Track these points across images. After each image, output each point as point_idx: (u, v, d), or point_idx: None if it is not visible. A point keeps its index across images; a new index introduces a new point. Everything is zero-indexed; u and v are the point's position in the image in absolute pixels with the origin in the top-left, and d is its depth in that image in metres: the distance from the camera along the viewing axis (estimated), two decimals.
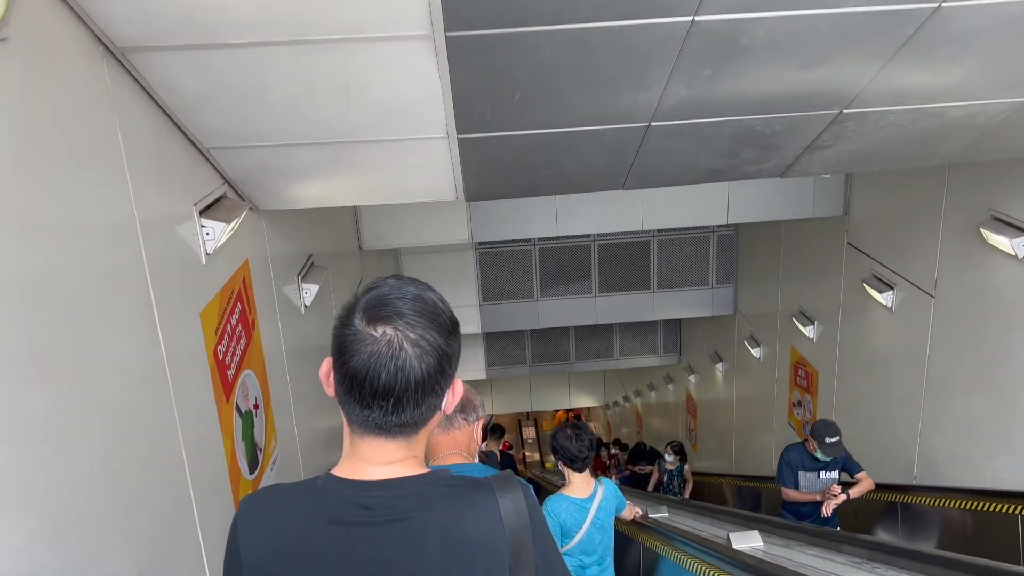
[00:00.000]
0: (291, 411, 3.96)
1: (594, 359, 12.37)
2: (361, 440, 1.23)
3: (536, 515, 1.27)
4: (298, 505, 1.24)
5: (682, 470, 7.50)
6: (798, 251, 7.73)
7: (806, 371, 7.70)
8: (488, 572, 1.20)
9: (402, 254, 9.10)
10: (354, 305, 1.20)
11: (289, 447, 3.90)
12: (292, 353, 4.05)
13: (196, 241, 2.81)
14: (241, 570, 1.23)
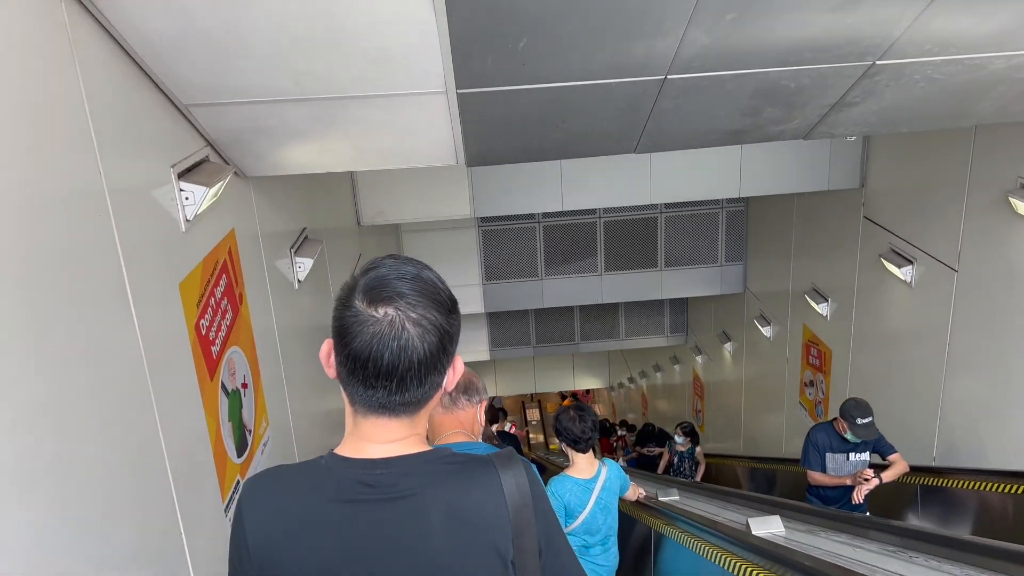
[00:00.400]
0: (284, 391, 3.76)
1: (599, 340, 12.17)
2: (364, 419, 1.24)
3: (537, 490, 1.27)
4: (302, 484, 1.24)
5: (693, 452, 7.29)
6: (811, 226, 7.49)
7: (819, 350, 7.49)
8: (491, 546, 1.21)
9: (403, 232, 8.87)
10: (353, 286, 1.20)
11: (282, 429, 3.71)
12: (285, 330, 3.84)
13: (174, 206, 2.60)
14: (248, 550, 1.23)
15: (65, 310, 1.84)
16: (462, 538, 1.20)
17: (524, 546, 1.24)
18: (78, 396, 1.86)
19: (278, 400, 3.67)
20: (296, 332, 4.14)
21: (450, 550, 1.20)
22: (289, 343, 3.94)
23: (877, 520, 2.99)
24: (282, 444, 3.71)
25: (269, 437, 3.44)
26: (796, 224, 7.79)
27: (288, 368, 3.85)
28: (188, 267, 2.65)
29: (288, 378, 3.83)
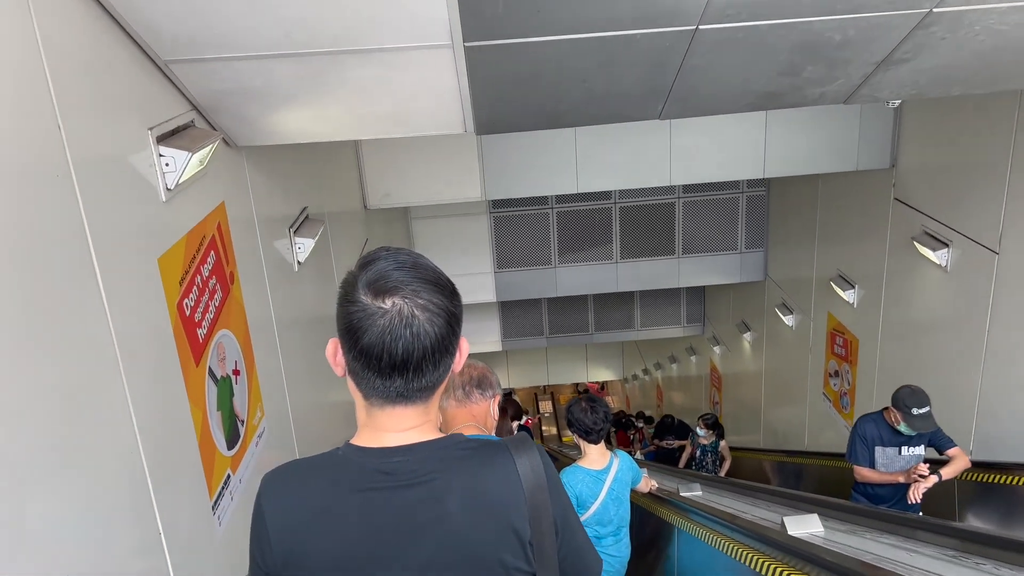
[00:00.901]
0: (282, 379, 3.52)
1: (614, 330, 11.89)
2: (380, 411, 1.25)
3: (551, 473, 1.29)
4: (320, 476, 1.26)
5: (717, 446, 6.99)
6: (837, 210, 7.18)
7: (845, 339, 7.19)
8: (509, 527, 1.23)
9: (412, 219, 8.63)
10: (354, 282, 1.21)
11: (280, 420, 3.47)
12: (283, 314, 3.60)
13: (153, 173, 2.35)
14: (269, 543, 1.24)
15: (17, 287, 1.60)
16: (481, 520, 1.22)
17: (541, 527, 1.25)
18: (31, 383, 1.61)
19: (275, 389, 3.43)
20: (296, 317, 3.90)
21: (470, 533, 1.22)
22: (288, 328, 3.70)
23: (931, 520, 2.71)
24: (280, 436, 3.47)
25: (265, 428, 3.20)
26: (821, 208, 7.48)
27: (287, 355, 3.61)
28: (169, 241, 2.41)
29: (287, 366, 3.59)
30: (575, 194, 8.66)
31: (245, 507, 2.90)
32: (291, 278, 3.83)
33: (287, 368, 3.59)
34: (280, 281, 3.62)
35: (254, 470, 3.04)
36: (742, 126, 6.08)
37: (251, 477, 2.99)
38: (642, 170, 6.08)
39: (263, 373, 3.22)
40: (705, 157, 6.14)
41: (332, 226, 4.86)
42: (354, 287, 1.20)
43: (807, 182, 7.65)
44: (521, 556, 1.25)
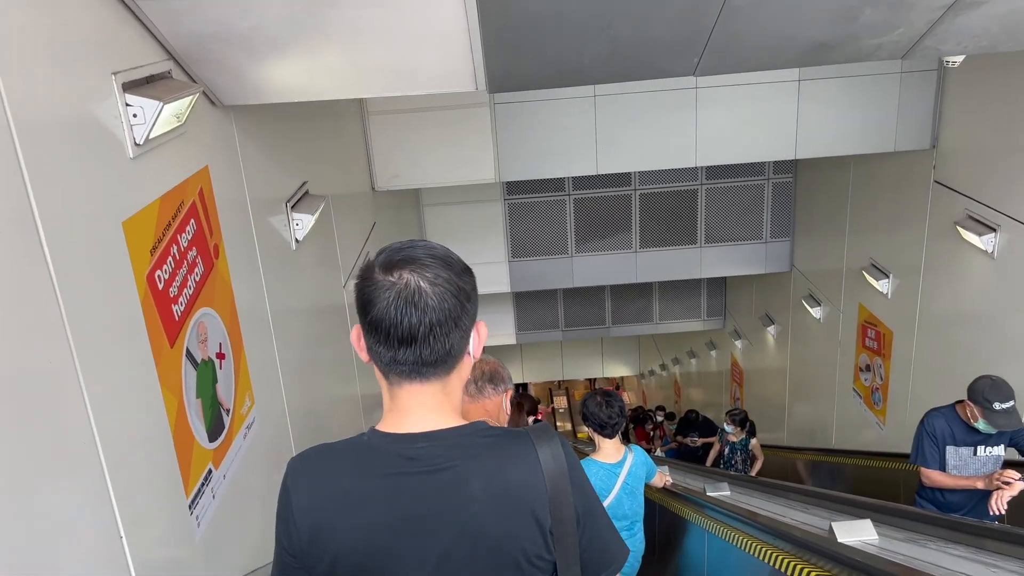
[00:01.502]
0: (276, 366, 3.23)
1: (631, 323, 11.55)
2: (399, 389, 1.27)
3: (573, 461, 1.29)
4: (345, 460, 1.28)
5: (748, 444, 6.63)
6: (871, 196, 6.81)
7: (877, 331, 6.82)
8: (530, 515, 1.23)
9: (424, 205, 8.33)
10: (371, 263, 1.25)
11: (273, 412, 3.18)
12: (279, 295, 3.31)
13: (118, 125, 2.06)
14: (296, 527, 1.26)
15: None
16: (502, 507, 1.23)
17: (562, 515, 1.25)
18: None
19: (269, 378, 3.14)
20: (294, 300, 3.61)
21: (491, 519, 1.22)
22: (284, 312, 3.41)
23: (1001, 528, 2.38)
24: (274, 428, 3.18)
25: (255, 419, 2.91)
26: (852, 194, 7.11)
27: (283, 341, 3.31)
28: (138, 203, 2.11)
29: (282, 352, 3.29)
30: (593, 179, 8.34)
31: (231, 507, 2.62)
32: (288, 257, 3.54)
33: (283, 355, 3.30)
34: (275, 259, 3.33)
35: (242, 465, 2.75)
36: (773, 103, 5.73)
37: (239, 473, 2.71)
38: (666, 151, 5.74)
39: (254, 359, 2.93)
40: (733, 137, 5.79)
41: (337, 208, 4.57)
42: (371, 267, 1.23)
43: (837, 166, 7.28)
44: (541, 544, 1.25)
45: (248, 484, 2.81)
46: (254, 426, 2.90)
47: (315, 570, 1.28)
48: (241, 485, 2.74)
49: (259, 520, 2.94)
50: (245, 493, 2.78)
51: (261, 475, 2.96)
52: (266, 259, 3.17)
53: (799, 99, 5.69)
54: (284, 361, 3.31)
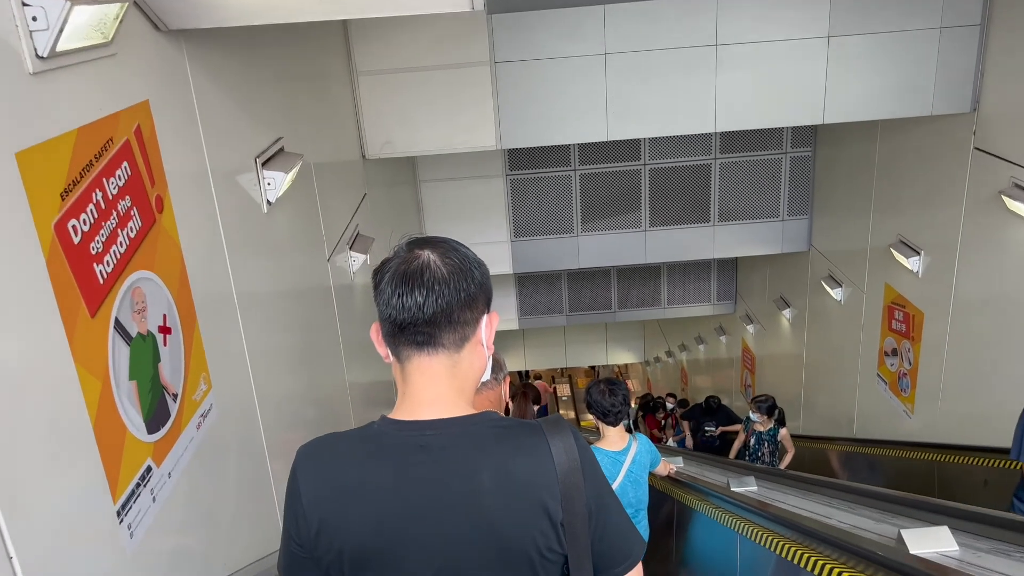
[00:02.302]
0: (242, 345, 2.79)
1: (638, 308, 11.10)
2: (409, 365, 1.26)
3: (586, 454, 1.28)
4: (355, 448, 1.28)
5: (776, 433, 6.16)
6: (900, 168, 6.33)
7: (906, 313, 6.37)
8: (541, 508, 1.22)
9: (422, 182, 7.87)
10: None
11: (239, 402, 2.73)
12: (245, 264, 2.86)
13: (12, 31, 1.61)
14: (304, 515, 1.25)
15: None
16: (512, 499, 1.21)
17: (573, 509, 1.23)
18: None
19: (232, 359, 2.70)
20: (266, 270, 3.16)
21: (501, 510, 1.21)
22: (254, 283, 2.96)
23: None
24: (240, 419, 2.74)
25: (212, 406, 2.47)
26: (879, 166, 6.64)
27: (252, 317, 2.87)
28: (41, 132, 1.67)
29: (252, 331, 2.85)
30: (600, 153, 7.88)
31: (180, 511, 2.18)
32: (258, 221, 3.09)
33: (252, 335, 2.85)
34: (241, 221, 2.88)
35: (197, 461, 2.31)
36: (799, 63, 5.25)
37: (192, 470, 2.27)
38: (682, 114, 5.26)
39: (212, 336, 2.49)
40: (755, 100, 5.31)
41: (322, 175, 4.12)
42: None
43: (862, 136, 6.81)
44: (553, 538, 1.23)
45: (205, 483, 2.38)
46: (211, 415, 2.46)
47: (323, 560, 1.26)
48: (195, 484, 2.31)
49: (224, 524, 2.51)
50: (201, 494, 2.35)
51: (222, 472, 2.53)
52: (229, 219, 2.72)
53: (828, 59, 5.21)
54: (254, 342, 2.87)
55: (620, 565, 1.31)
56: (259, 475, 2.88)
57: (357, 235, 4.70)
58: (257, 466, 2.87)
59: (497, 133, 5.18)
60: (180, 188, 2.34)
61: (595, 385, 3.58)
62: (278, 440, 3.02)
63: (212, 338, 2.48)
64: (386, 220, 6.19)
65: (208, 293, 2.50)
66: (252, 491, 2.80)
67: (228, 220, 2.71)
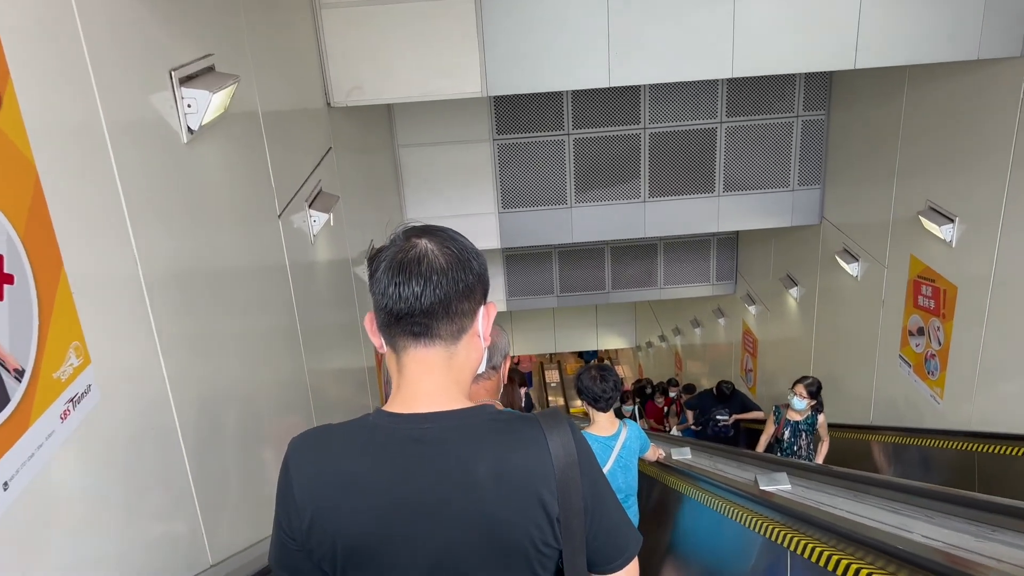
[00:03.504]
0: (148, 320, 2.11)
1: (633, 288, 10.47)
2: (405, 356, 1.24)
3: (583, 448, 1.27)
4: (349, 441, 1.25)
5: (815, 422, 5.48)
6: (930, 125, 5.71)
7: (935, 288, 5.76)
8: (537, 502, 1.20)
9: (400, 146, 7.19)
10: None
11: (137, 383, 2.06)
12: (152, 201, 2.19)
13: None
14: (296, 509, 1.23)
15: None
16: (508, 493, 1.20)
17: (570, 504, 1.22)
18: None
19: (127, 331, 2.03)
20: (187, 217, 2.48)
21: (497, 504, 1.20)
22: (167, 231, 2.29)
23: None
24: (141, 410, 2.07)
25: (91, 388, 1.79)
26: (905, 125, 6.01)
27: (156, 275, 2.19)
28: None
29: (156, 297, 2.17)
30: (597, 115, 7.20)
31: (36, 529, 1.52)
32: (174, 152, 2.40)
33: (157, 302, 2.17)
34: (144, 147, 2.20)
35: (66, 459, 1.65)
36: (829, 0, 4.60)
37: (57, 472, 1.61)
38: (695, 55, 4.59)
39: (91, 296, 1.81)
40: (778, 39, 4.64)
41: (275, 122, 3.45)
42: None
43: (884, 93, 6.19)
44: (549, 532, 1.22)
45: (78, 488, 1.72)
46: (89, 399, 1.78)
47: (315, 552, 1.24)
48: (65, 491, 1.65)
49: (112, 539, 1.84)
50: (70, 503, 1.69)
51: (108, 475, 1.86)
52: (121, 141, 2.03)
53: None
54: (163, 313, 2.19)
55: (615, 561, 1.31)
56: (174, 483, 2.22)
57: (319, 192, 4.02)
58: (172, 473, 2.20)
59: (483, 78, 4.50)
60: (35, 87, 1.66)
61: (586, 371, 3.60)
62: (200, 438, 2.36)
63: (92, 297, 1.81)
64: (359, 186, 5.51)
65: (87, 237, 1.82)
66: (161, 506, 2.14)
67: (123, 143, 2.02)
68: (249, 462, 2.82)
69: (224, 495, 2.57)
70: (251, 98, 3.14)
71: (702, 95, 7.18)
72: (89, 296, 1.79)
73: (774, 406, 5.63)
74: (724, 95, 7.17)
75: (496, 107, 7.11)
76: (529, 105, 7.13)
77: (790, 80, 7.13)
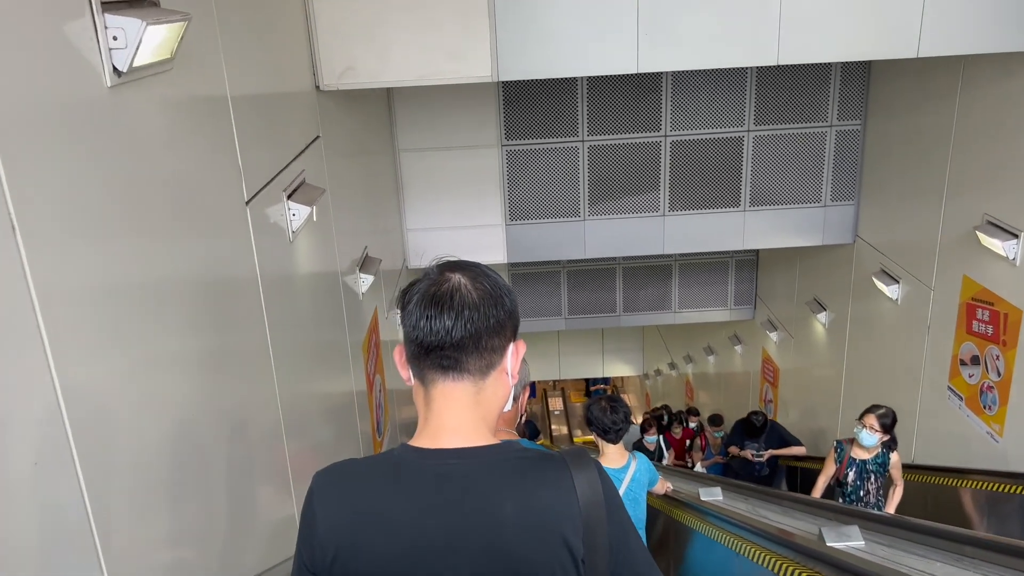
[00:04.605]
0: (31, 305, 1.52)
1: (645, 312, 9.88)
2: (433, 390, 1.24)
3: (610, 490, 1.27)
4: (374, 476, 1.24)
5: (887, 461, 4.63)
6: (987, 132, 5.14)
7: (993, 311, 5.16)
8: (562, 542, 1.19)
9: (401, 150, 6.64)
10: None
11: (18, 425, 1.47)
12: (57, 155, 1.61)
13: None
14: (319, 544, 1.22)
15: None
16: (534, 532, 1.19)
17: (595, 544, 1.22)
18: None
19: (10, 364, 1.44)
20: (107, 196, 1.89)
21: (522, 543, 1.18)
22: (75, 199, 1.70)
23: None
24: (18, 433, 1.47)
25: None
26: (958, 131, 5.45)
27: (49, 257, 1.61)
28: None
29: (57, 312, 1.58)
30: (614, 121, 6.64)
31: None
32: (91, 99, 1.82)
33: (63, 316, 1.58)
34: (43, 90, 1.62)
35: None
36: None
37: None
38: (737, 39, 4.02)
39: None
40: (831, 21, 4.08)
41: (244, 94, 2.89)
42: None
43: (933, 98, 5.64)
44: (572, 572, 1.21)
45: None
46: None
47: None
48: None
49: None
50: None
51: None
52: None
53: None
54: (49, 299, 1.60)
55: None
56: (69, 524, 1.61)
57: (302, 182, 3.45)
58: (64, 512, 1.60)
59: (493, 60, 3.94)
60: None
61: (596, 402, 3.59)
62: (90, 462, 1.75)
63: None
64: (353, 188, 4.95)
65: None
66: (46, 551, 1.53)
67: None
68: (188, 518, 2.21)
69: (143, 553, 1.96)
70: (215, 59, 2.58)
71: (729, 101, 6.64)
72: None
73: (835, 441, 4.82)
74: (752, 101, 6.63)
75: (505, 109, 6.58)
76: (541, 108, 6.59)
77: (824, 86, 6.59)
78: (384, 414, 5.36)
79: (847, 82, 6.56)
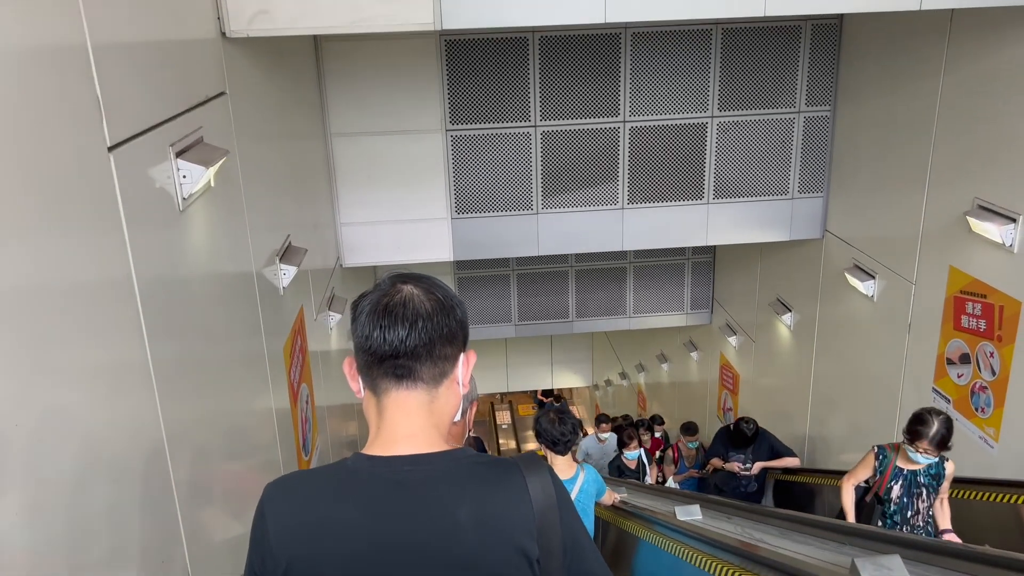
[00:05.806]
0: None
1: (599, 317, 9.36)
2: (385, 399, 1.24)
3: (561, 493, 1.29)
4: (327, 486, 1.24)
5: (942, 472, 3.67)
6: (979, 109, 4.74)
7: (985, 304, 4.74)
8: (517, 546, 1.21)
9: (334, 134, 5.94)
10: None
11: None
12: None
13: None
14: (271, 553, 1.21)
15: None
16: (488, 537, 1.19)
17: (550, 546, 1.24)
18: None
19: None
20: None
21: (476, 548, 1.19)
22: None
23: None
24: None
25: None
26: (940, 117, 5.04)
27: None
28: None
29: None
30: (570, 105, 6.07)
31: None
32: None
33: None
34: None
35: None
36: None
37: None
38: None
39: None
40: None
41: (108, 23, 2.19)
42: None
43: (914, 79, 5.24)
44: (528, 574, 1.22)
45: None
46: None
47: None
48: None
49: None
50: None
51: None
52: None
53: None
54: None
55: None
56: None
57: (199, 140, 2.75)
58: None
59: (436, 3, 3.31)
60: None
61: (544, 414, 3.65)
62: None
63: None
64: (273, 166, 4.25)
65: None
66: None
67: None
68: None
69: None
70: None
71: (692, 83, 6.14)
72: None
73: (875, 446, 4.09)
74: (716, 84, 6.15)
75: (450, 89, 5.94)
76: (490, 88, 5.99)
77: (791, 69, 6.16)
78: (312, 429, 4.63)
79: (815, 65, 6.15)
